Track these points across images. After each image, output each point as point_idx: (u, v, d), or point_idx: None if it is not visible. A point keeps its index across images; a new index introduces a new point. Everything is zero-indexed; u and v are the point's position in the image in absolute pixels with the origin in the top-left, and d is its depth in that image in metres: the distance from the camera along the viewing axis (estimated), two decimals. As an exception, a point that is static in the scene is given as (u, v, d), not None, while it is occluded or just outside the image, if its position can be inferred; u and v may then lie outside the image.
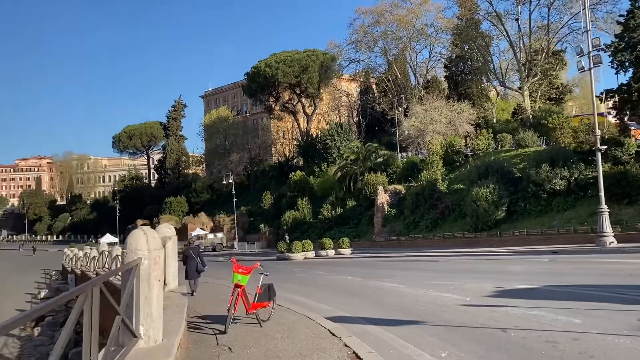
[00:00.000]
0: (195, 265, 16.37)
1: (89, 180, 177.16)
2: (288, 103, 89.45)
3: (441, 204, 42.74)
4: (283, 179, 75.30)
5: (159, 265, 6.90)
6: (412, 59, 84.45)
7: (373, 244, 46.51)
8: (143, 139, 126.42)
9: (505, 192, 36.81)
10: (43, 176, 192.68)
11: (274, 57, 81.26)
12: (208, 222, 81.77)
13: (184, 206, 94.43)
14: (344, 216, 54.09)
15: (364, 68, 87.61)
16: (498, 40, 73.24)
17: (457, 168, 50.49)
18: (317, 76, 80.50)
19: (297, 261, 35.09)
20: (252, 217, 75.24)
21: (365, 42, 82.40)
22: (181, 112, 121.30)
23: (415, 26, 79.20)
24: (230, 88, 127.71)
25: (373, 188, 51.73)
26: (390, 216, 47.83)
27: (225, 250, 64.96)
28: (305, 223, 59.74)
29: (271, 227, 65.84)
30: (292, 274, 23.79)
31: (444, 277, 17.61)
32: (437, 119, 54.28)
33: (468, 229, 38.31)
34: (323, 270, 24.36)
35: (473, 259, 27.37)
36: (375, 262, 29.69)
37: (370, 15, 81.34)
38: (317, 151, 71.47)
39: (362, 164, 58.48)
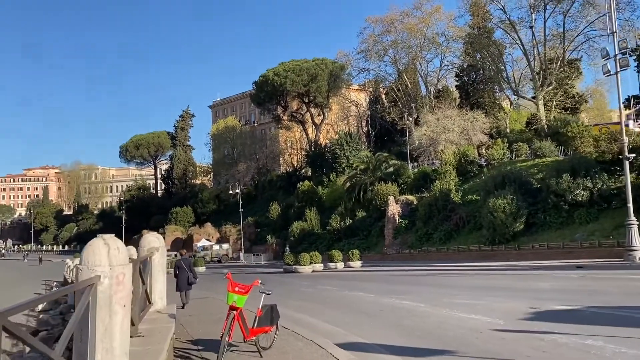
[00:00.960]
0: (186, 277, 16.37)
1: (96, 191, 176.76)
2: (296, 112, 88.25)
3: (455, 215, 40.98)
4: (291, 189, 73.81)
5: (124, 285, 5.31)
6: (422, 68, 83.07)
7: (384, 256, 44.74)
8: (150, 149, 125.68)
9: (524, 203, 35.04)
10: (51, 186, 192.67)
11: (282, 66, 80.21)
12: (214, 233, 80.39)
13: (190, 216, 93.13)
14: (354, 227, 52.40)
15: (374, 77, 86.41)
16: (511, 49, 71.66)
17: (471, 178, 48.78)
18: (325, 85, 79.28)
19: (304, 274, 33.39)
20: (259, 227, 73.74)
21: (375, 51, 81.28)
22: (189, 122, 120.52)
23: (426, 35, 77.97)
24: (238, 98, 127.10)
25: (383, 198, 50.09)
26: (401, 228, 46.09)
27: (231, 262, 63.35)
28: (314, 234, 58.11)
29: (278, 238, 64.24)
30: (299, 288, 22.16)
31: (466, 294, 15.91)
32: (450, 127, 52.67)
33: (484, 241, 36.52)
34: (332, 284, 22.69)
35: (493, 274, 25.58)
36: (388, 276, 27.94)
37: (381, 24, 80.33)
38: (326, 161, 69.98)
39: (371, 173, 56.93)
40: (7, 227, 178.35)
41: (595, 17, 61.08)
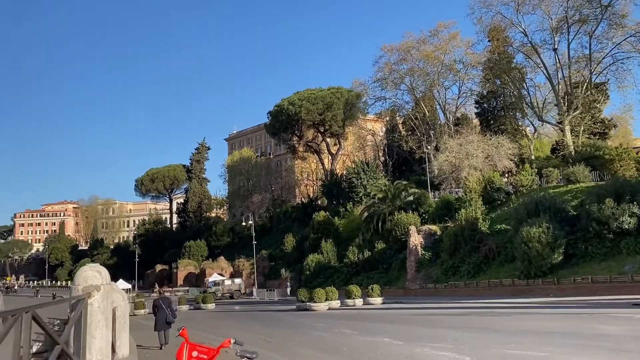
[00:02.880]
0: (164, 316, 16.11)
1: (113, 225, 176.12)
2: (312, 142, 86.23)
3: (484, 246, 37.63)
4: (306, 220, 70.96)
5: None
6: (440, 95, 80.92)
7: (406, 292, 41.30)
8: (166, 182, 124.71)
9: (561, 232, 31.68)
10: (68, 221, 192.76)
11: (297, 95, 78.66)
12: (227, 267, 77.56)
13: (204, 250, 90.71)
14: (372, 260, 49.11)
15: (391, 106, 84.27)
16: (533, 74, 68.99)
17: (498, 207, 45.52)
18: (341, 114, 77.31)
19: (319, 313, 30.19)
20: (273, 261, 70.73)
21: (391, 80, 79.52)
22: (205, 154, 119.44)
23: (443, 62, 75.98)
24: (254, 130, 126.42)
25: (404, 229, 46.95)
26: (424, 260, 42.75)
27: (244, 298, 60.12)
28: (330, 267, 54.90)
29: (293, 272, 61.06)
30: (312, 331, 19.09)
31: (520, 341, 12.77)
32: (473, 153, 49.75)
33: (518, 275, 33.07)
34: (351, 326, 19.59)
35: (536, 312, 22.28)
36: (414, 315, 24.69)
37: (396, 52, 78.70)
38: (342, 190, 67.28)
39: (390, 202, 53.97)
40: (23, 263, 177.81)
41: (622, 39, 58.52)
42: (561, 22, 60.52)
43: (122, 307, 10.04)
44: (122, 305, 10.08)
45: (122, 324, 9.79)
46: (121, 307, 10.05)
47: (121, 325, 9.94)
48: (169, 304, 16.82)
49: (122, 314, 9.86)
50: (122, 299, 9.77)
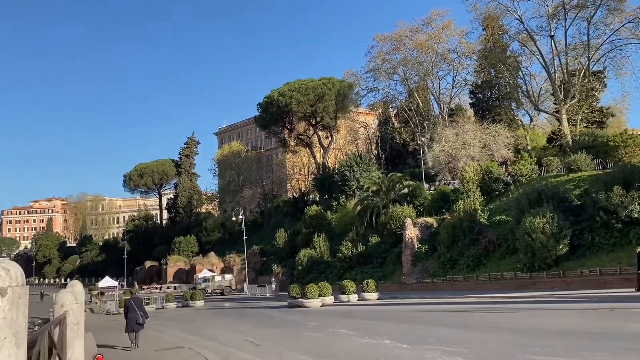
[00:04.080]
0: (135, 317, 15.84)
1: (103, 222, 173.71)
2: (303, 135, 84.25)
3: (483, 238, 36.00)
4: (298, 215, 69.13)
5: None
6: (434, 86, 79.33)
7: (402, 286, 39.64)
8: (155, 177, 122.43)
9: (565, 222, 30.10)
10: (57, 218, 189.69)
11: (287, 85, 76.57)
12: (218, 263, 75.62)
13: (194, 246, 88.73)
14: (367, 254, 47.39)
15: (384, 97, 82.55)
16: (529, 63, 67.40)
17: (496, 197, 43.94)
18: (333, 105, 75.35)
19: (312, 309, 28.41)
20: (265, 256, 68.88)
21: (384, 70, 77.84)
22: (194, 149, 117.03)
23: (437, 51, 74.35)
24: (244, 124, 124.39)
25: (399, 222, 45.26)
26: (421, 253, 41.07)
27: (235, 294, 58.26)
28: (323, 262, 53.14)
29: (285, 268, 59.24)
30: (304, 331, 17.26)
31: (545, 344, 10.97)
32: (471, 142, 48.09)
33: (521, 267, 31.48)
34: (347, 326, 17.79)
35: (546, 308, 20.69)
36: (415, 312, 22.95)
37: (389, 41, 76.99)
38: (335, 183, 65.42)
39: (384, 195, 52.28)
40: (11, 261, 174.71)
41: (620, 25, 57.07)
42: (558, 7, 58.89)
43: (74, 311, 8.18)
44: (75, 308, 8.21)
45: (75, 331, 8.05)
46: (73, 310, 8.19)
47: (74, 333, 8.15)
48: (140, 304, 16.34)
49: (75, 319, 8.04)
50: (75, 302, 7.95)
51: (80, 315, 8.33)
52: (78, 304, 8.29)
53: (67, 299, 8.20)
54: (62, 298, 8.19)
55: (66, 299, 8.19)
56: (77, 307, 8.26)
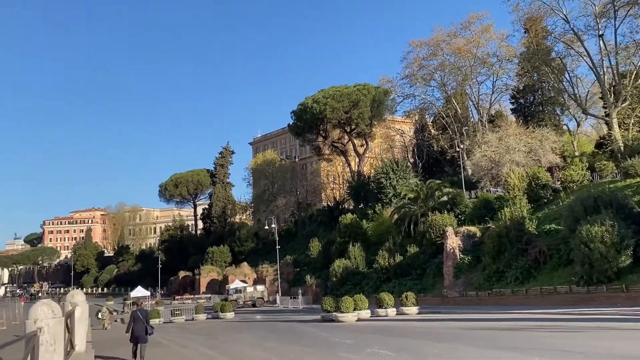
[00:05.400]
0: (141, 328, 15.73)
1: (140, 232, 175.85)
2: (338, 142, 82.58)
3: (533, 248, 33.22)
4: (333, 224, 67.26)
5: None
6: (473, 91, 76.57)
7: (444, 300, 37.11)
8: (189, 187, 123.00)
9: (627, 230, 27.19)
10: (96, 228, 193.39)
11: (322, 92, 75.19)
12: (251, 274, 74.27)
13: (227, 256, 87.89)
14: (405, 265, 44.98)
15: (420, 103, 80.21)
16: (575, 65, 63.88)
17: (544, 205, 40.95)
18: (368, 111, 73.44)
19: (347, 325, 26.33)
20: (298, 267, 67.11)
21: (421, 76, 75.59)
22: (229, 158, 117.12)
23: (476, 56, 71.61)
24: (279, 134, 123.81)
25: (439, 231, 42.81)
26: (463, 265, 38.46)
27: (267, 306, 56.62)
28: (358, 273, 50.97)
29: (319, 279, 57.30)
30: (338, 352, 15.16)
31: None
32: (515, 147, 45.24)
33: (576, 281, 28.62)
34: (386, 344, 15.72)
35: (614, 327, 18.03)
36: (463, 330, 20.59)
37: (426, 47, 74.80)
38: (370, 191, 63.30)
39: (423, 203, 49.88)
40: (51, 270, 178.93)
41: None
42: (607, 5, 55.49)
43: (50, 328, 6.59)
44: (52, 324, 6.66)
45: (51, 352, 6.61)
46: (49, 327, 6.59)
47: (49, 354, 6.54)
48: (145, 316, 16.19)
49: (52, 337, 6.51)
50: (52, 315, 6.36)
51: (58, 333, 6.64)
52: (56, 318, 6.59)
53: (42, 313, 6.55)
54: (36, 312, 6.55)
55: (40, 313, 6.54)
56: (54, 322, 6.58)
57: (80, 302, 10.62)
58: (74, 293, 10.95)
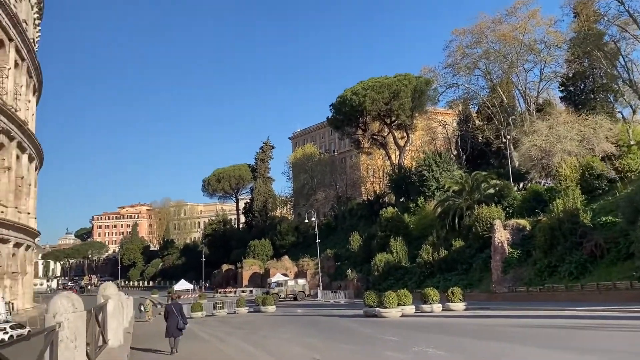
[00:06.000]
0: (176, 322, 15.74)
1: (185, 226, 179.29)
2: (377, 135, 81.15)
3: (588, 242, 31.26)
4: (373, 218, 66.16)
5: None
6: (519, 80, 73.51)
7: (492, 296, 35.55)
8: (231, 182, 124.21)
9: (696, 222, 25.11)
10: (142, 223, 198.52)
11: (361, 84, 73.89)
12: (292, 267, 74.21)
13: (268, 249, 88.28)
14: (450, 260, 43.52)
15: (464, 93, 77.87)
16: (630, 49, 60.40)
17: (599, 196, 38.63)
18: (409, 102, 71.64)
19: (390, 320, 25.39)
20: (339, 261, 66.40)
21: (464, 65, 73.37)
22: (269, 153, 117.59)
23: (522, 43, 68.80)
24: (318, 128, 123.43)
25: (486, 224, 41.14)
26: (513, 259, 36.75)
27: (308, 300, 56.24)
28: (401, 268, 49.81)
29: (360, 273, 56.41)
30: (383, 350, 14.29)
31: None
32: (567, 135, 42.90)
33: (638, 276, 26.69)
34: (435, 343, 14.77)
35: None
36: (517, 328, 19.28)
37: (469, 35, 72.46)
38: (412, 184, 61.74)
39: (468, 196, 48.14)
40: (100, 263, 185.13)
41: None
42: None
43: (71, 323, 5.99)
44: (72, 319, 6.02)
45: (72, 349, 5.92)
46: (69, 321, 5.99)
47: (69, 352, 5.97)
48: (180, 310, 16.24)
49: (72, 333, 5.92)
50: (72, 309, 5.74)
51: (80, 328, 6.03)
52: (76, 312, 5.99)
53: (62, 306, 5.95)
54: (56, 305, 5.95)
55: (60, 306, 5.94)
56: (74, 317, 5.96)
57: (113, 295, 10.22)
58: (106, 286, 10.58)
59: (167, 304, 17.19)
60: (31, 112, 55.34)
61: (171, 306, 16.39)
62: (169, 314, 16.01)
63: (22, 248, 48.02)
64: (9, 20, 43.07)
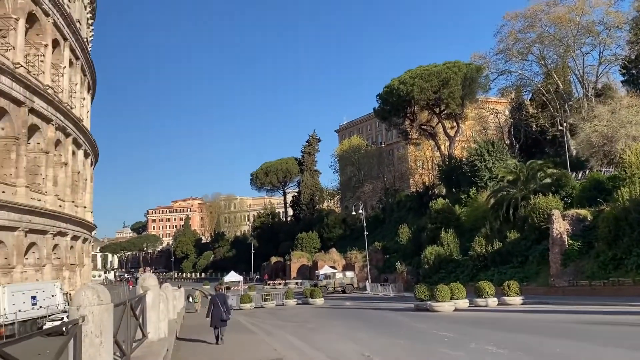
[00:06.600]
0: (219, 313, 15.88)
1: (234, 219, 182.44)
2: (426, 125, 79.17)
3: (659, 233, 29.03)
4: (422, 210, 64.64)
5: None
6: (576, 64, 69.69)
7: (550, 290, 33.73)
8: (279, 175, 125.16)
9: None
10: (194, 216, 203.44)
11: (409, 73, 72.12)
12: (339, 260, 73.76)
13: (316, 242, 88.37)
14: (504, 252, 41.72)
15: (516, 80, 74.64)
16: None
17: (669, 184, 35.85)
18: (459, 90, 69.31)
19: (443, 315, 24.36)
20: (387, 253, 65.35)
21: (517, 50, 70.21)
22: (315, 146, 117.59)
23: (579, 25, 65.12)
24: (364, 120, 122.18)
25: (543, 215, 39.12)
26: (573, 251, 34.71)
27: (356, 293, 55.58)
28: (452, 261, 48.33)
29: (409, 266, 55.21)
30: (439, 347, 13.42)
31: None
32: (632, 120, 40.11)
33: None
34: (492, 339, 13.78)
35: None
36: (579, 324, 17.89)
37: (522, 19, 69.29)
38: (463, 175, 59.75)
39: (523, 186, 46.02)
40: (155, 256, 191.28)
41: None
42: None
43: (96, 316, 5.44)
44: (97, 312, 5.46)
45: (97, 345, 5.29)
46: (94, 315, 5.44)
47: (94, 349, 5.45)
48: (224, 301, 16.29)
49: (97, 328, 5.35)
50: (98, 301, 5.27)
51: (106, 322, 5.54)
52: (102, 305, 5.51)
53: (86, 298, 5.47)
54: (80, 297, 5.48)
55: (84, 298, 5.47)
56: (100, 310, 5.47)
57: (153, 287, 9.86)
58: (145, 277, 10.26)
59: (212, 295, 17.22)
60: (86, 110, 57.16)
61: (215, 297, 16.47)
62: (214, 305, 16.15)
63: (79, 241, 49.72)
64: (63, 20, 44.36)
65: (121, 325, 6.85)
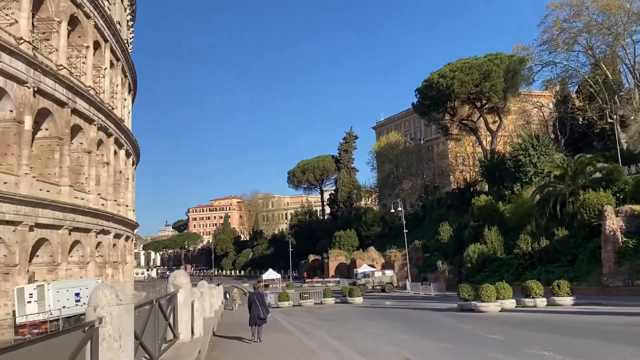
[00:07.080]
0: (257, 311, 15.83)
1: (272, 218, 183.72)
2: (467, 120, 77.09)
3: None
4: (464, 207, 62.92)
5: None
6: (627, 53, 66.29)
7: (603, 289, 31.93)
8: (316, 173, 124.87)
9: None
10: (233, 214, 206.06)
11: (448, 66, 70.33)
12: (378, 258, 72.66)
13: (354, 240, 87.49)
14: (552, 250, 39.90)
15: (562, 72, 71.63)
16: None
17: None
18: (502, 83, 67.06)
19: (489, 315, 23.24)
20: (428, 252, 63.90)
21: (562, 40, 67.22)
22: (352, 144, 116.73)
23: (630, 12, 61.90)
24: (402, 116, 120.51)
25: (593, 211, 37.16)
26: (627, 249, 32.75)
27: (396, 292, 54.53)
28: (496, 259, 46.69)
29: (451, 265, 53.73)
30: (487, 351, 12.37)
31: None
32: (691, 109, 37.61)
33: None
34: (545, 342, 12.76)
35: None
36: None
37: (567, 7, 66.20)
38: (507, 170, 57.74)
39: (571, 181, 43.93)
40: (195, 253, 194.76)
41: None
42: None
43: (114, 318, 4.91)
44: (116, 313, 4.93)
45: (115, 350, 4.75)
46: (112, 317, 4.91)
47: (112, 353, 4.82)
48: (262, 299, 16.25)
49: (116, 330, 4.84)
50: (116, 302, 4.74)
51: (125, 324, 5.03)
52: (121, 305, 4.99)
53: (104, 299, 4.98)
54: (97, 297, 4.98)
55: (102, 298, 4.97)
56: (118, 311, 4.95)
57: (184, 285, 9.43)
58: (176, 274, 9.87)
59: (250, 293, 17.14)
60: (127, 110, 58.22)
61: (253, 295, 16.36)
62: (252, 303, 16.09)
63: (122, 239, 50.65)
64: (104, 22, 45.16)
65: (147, 326, 6.41)
